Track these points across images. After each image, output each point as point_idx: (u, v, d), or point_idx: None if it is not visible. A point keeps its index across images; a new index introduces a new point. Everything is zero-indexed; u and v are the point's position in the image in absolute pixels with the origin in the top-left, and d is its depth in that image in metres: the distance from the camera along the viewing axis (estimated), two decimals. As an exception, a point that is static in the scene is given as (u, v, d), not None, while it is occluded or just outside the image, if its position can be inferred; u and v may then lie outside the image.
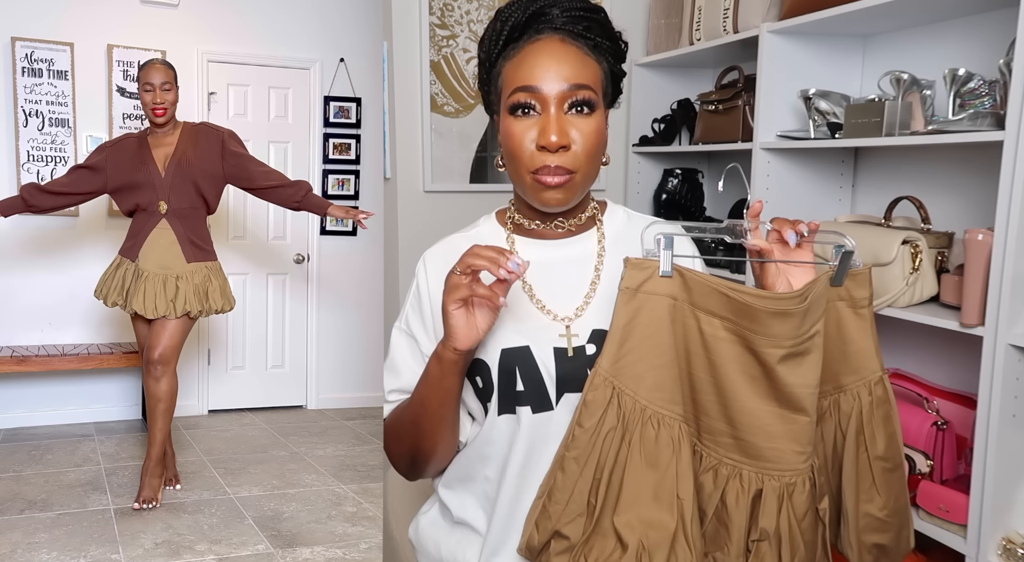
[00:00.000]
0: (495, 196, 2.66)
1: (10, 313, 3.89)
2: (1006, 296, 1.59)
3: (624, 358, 1.01)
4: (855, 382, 1.09)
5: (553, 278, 1.12)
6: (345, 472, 3.31)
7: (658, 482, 0.99)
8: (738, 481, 1.02)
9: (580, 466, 1.00)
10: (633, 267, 1.01)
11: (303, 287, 4.43)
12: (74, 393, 4.03)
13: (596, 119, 1.04)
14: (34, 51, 3.82)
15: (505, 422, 1.08)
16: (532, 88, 1.02)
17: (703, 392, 1.02)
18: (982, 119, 1.71)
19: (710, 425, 1.03)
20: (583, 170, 1.04)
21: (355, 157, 4.43)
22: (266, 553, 2.49)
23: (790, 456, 1.01)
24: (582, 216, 1.15)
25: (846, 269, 1.06)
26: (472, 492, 1.14)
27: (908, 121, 1.91)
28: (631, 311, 1.01)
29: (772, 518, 1.00)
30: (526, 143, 1.03)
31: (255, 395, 4.37)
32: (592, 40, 1.06)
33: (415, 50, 2.68)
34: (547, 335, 1.08)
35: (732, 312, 0.99)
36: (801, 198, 2.31)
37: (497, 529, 1.10)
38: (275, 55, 4.25)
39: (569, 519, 1.01)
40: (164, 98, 2.84)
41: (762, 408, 1.00)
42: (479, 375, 1.09)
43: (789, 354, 0.99)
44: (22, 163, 3.84)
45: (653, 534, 0.98)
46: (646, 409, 1.01)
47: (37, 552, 2.47)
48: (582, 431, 1.00)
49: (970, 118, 1.73)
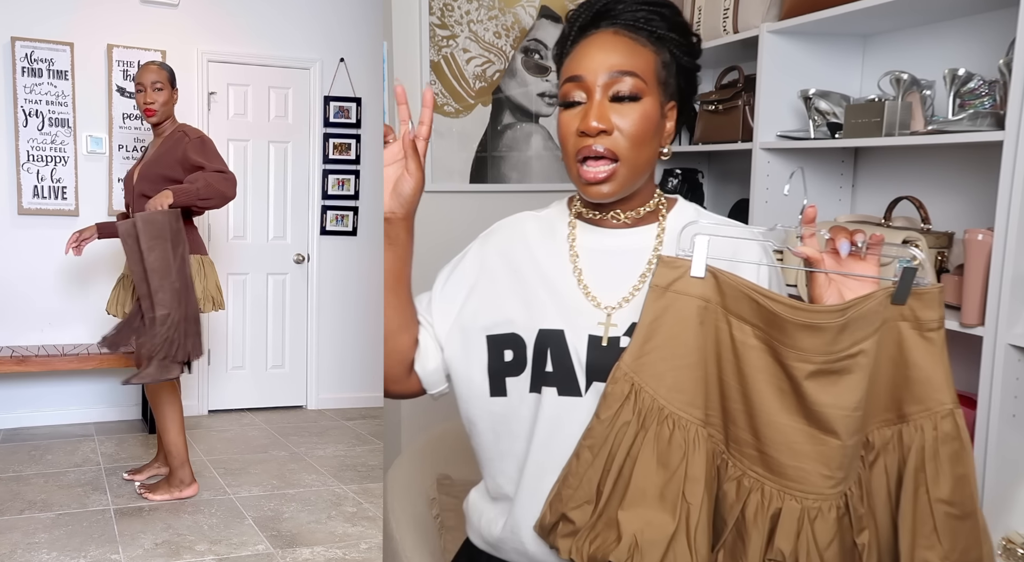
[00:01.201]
0: (495, 196, 2.66)
1: (10, 313, 3.89)
2: (1006, 296, 1.59)
3: (647, 355, 1.00)
4: (919, 412, 1.00)
5: (604, 266, 1.13)
6: (345, 472, 3.31)
7: (666, 482, 0.99)
8: (759, 495, 0.99)
9: (593, 455, 1.01)
10: (664, 265, 1.01)
11: (303, 287, 4.43)
12: (74, 393, 4.03)
13: (643, 107, 1.05)
14: (34, 51, 3.82)
15: (532, 400, 1.10)
16: (577, 77, 1.07)
17: (732, 400, 1.00)
18: (982, 119, 1.71)
19: (737, 434, 1.01)
20: (627, 158, 1.05)
21: (355, 157, 4.43)
22: (266, 553, 2.49)
23: (815, 478, 0.96)
24: (641, 210, 1.15)
25: (909, 286, 0.97)
26: (505, 468, 1.17)
27: (908, 121, 1.91)
28: (658, 309, 1.00)
29: (790, 540, 0.97)
30: (571, 131, 1.07)
31: (255, 395, 4.37)
32: (651, 31, 1.07)
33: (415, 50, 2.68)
34: (586, 321, 1.09)
35: (762, 320, 0.97)
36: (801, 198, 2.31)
37: (521, 504, 1.12)
38: (275, 55, 4.25)
39: (576, 505, 1.02)
40: (154, 98, 2.85)
41: (789, 424, 0.97)
42: (510, 349, 1.11)
43: (820, 371, 0.95)
44: (22, 163, 3.84)
45: (650, 532, 0.98)
46: (664, 408, 1.00)
47: (37, 552, 2.46)
48: (598, 422, 1.01)
49: (970, 118, 1.73)
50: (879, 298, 0.96)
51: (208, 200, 2.74)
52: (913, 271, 0.97)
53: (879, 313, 0.96)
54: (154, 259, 2.61)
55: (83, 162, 3.94)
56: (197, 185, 2.71)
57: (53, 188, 3.89)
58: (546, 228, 1.20)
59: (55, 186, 3.90)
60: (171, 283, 2.65)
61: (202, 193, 2.71)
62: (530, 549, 1.12)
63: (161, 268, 2.62)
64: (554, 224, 1.19)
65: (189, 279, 2.76)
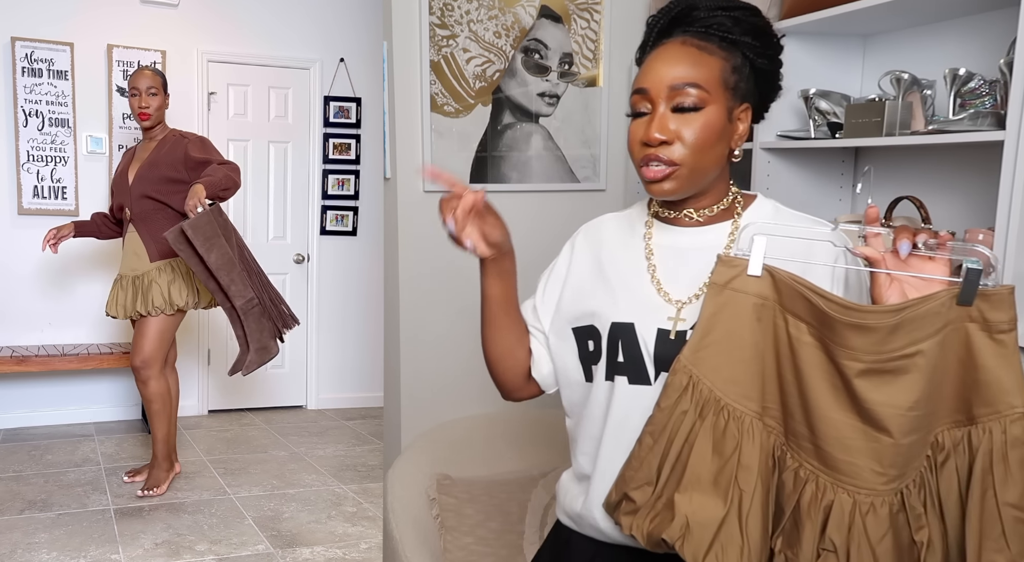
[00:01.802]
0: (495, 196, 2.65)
1: (10, 313, 3.89)
2: (1006, 296, 1.59)
3: (705, 349, 1.05)
4: (987, 415, 0.99)
5: (677, 263, 1.19)
6: (345, 472, 3.31)
7: (720, 469, 1.04)
8: (814, 486, 1.02)
9: (654, 441, 1.08)
10: (723, 264, 1.06)
11: (303, 287, 4.43)
12: (74, 393, 4.04)
13: (705, 116, 1.09)
14: (34, 51, 3.82)
15: (607, 387, 1.18)
16: (641, 90, 1.12)
17: (789, 394, 1.04)
18: (982, 119, 1.70)
19: (794, 428, 1.04)
20: (688, 163, 1.10)
21: (355, 157, 4.43)
22: (266, 553, 2.49)
23: (867, 474, 0.99)
24: (715, 207, 1.19)
25: (974, 287, 0.96)
26: (585, 449, 1.24)
27: (908, 121, 1.91)
28: (717, 306, 1.05)
29: (842, 532, 1.00)
30: (637, 139, 1.13)
31: (255, 395, 4.37)
32: (723, 36, 1.11)
33: (415, 50, 2.67)
34: (656, 316, 1.16)
35: (814, 318, 1.00)
36: (801, 198, 2.30)
37: (595, 484, 1.20)
38: (275, 55, 4.25)
39: (637, 485, 1.09)
40: (149, 102, 2.94)
41: (842, 420, 0.99)
42: (592, 339, 1.20)
43: (870, 370, 0.97)
44: (22, 163, 3.84)
45: (702, 514, 1.03)
46: (720, 400, 1.05)
47: (37, 552, 2.46)
48: (659, 410, 1.07)
49: (970, 118, 1.73)
50: (941, 299, 0.96)
51: (227, 190, 2.84)
52: (978, 272, 0.95)
53: (941, 314, 0.96)
54: (215, 258, 2.66)
55: (83, 162, 3.94)
56: (217, 176, 2.78)
57: (53, 188, 3.90)
58: (625, 227, 1.27)
59: (55, 186, 3.90)
60: (239, 273, 2.72)
61: (223, 183, 2.80)
62: (601, 525, 1.20)
63: (225, 264, 2.68)
64: (633, 223, 1.26)
65: (252, 261, 2.86)
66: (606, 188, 2.89)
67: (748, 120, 1.16)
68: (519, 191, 2.74)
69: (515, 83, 2.74)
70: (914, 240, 0.99)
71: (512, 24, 2.72)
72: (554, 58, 2.76)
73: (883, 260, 1.02)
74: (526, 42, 2.74)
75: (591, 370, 1.22)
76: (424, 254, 2.70)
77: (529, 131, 2.75)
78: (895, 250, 1.00)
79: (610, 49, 2.77)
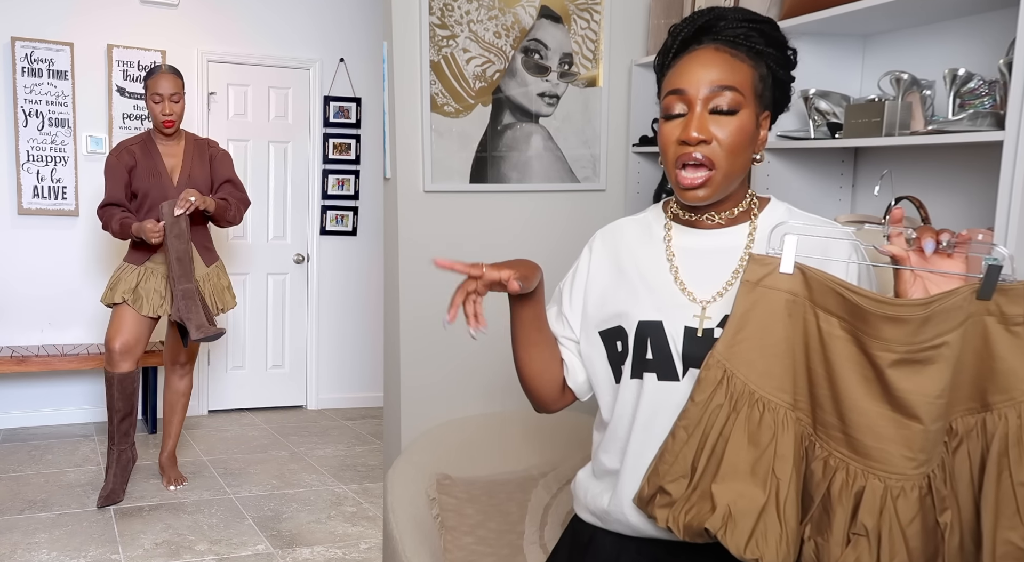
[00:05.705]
0: (495, 196, 2.66)
1: (10, 313, 3.89)
2: (1006, 296, 1.59)
3: (739, 344, 1.10)
4: (1003, 401, 1.05)
5: (700, 264, 1.23)
6: (345, 472, 3.31)
7: (756, 459, 1.08)
8: (844, 474, 1.06)
9: (688, 434, 1.11)
10: (755, 262, 1.10)
11: (303, 287, 4.43)
12: (74, 393, 4.04)
13: (740, 119, 1.14)
14: (34, 51, 3.82)
15: (635, 385, 1.22)
16: (679, 90, 1.15)
17: (819, 386, 1.08)
18: (982, 119, 1.70)
19: (824, 418, 1.08)
20: (723, 166, 1.14)
21: (355, 157, 4.43)
22: (266, 553, 2.49)
23: (898, 460, 1.03)
24: (734, 210, 1.23)
25: (994, 283, 1.02)
26: (611, 447, 1.27)
27: (908, 121, 1.91)
28: (749, 302, 1.09)
29: (873, 516, 1.04)
30: (672, 140, 1.16)
31: (255, 395, 4.37)
32: (750, 47, 1.16)
33: (415, 50, 2.67)
34: (682, 314, 1.19)
35: (847, 312, 1.04)
36: (801, 198, 2.30)
37: (624, 480, 1.22)
38: (275, 55, 4.25)
39: (672, 479, 1.12)
40: (173, 109, 2.89)
41: (873, 409, 1.04)
42: (620, 340, 1.23)
43: (902, 359, 1.02)
44: (22, 163, 3.84)
45: (742, 503, 1.06)
46: (754, 393, 1.09)
47: (37, 552, 2.47)
48: (693, 404, 1.11)
49: (970, 118, 1.73)
50: (963, 293, 1.02)
51: (228, 223, 2.97)
52: (998, 268, 1.01)
53: (963, 308, 1.02)
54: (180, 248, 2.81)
55: (83, 162, 3.94)
56: (231, 210, 2.91)
57: (53, 188, 3.90)
58: (644, 230, 1.30)
59: (55, 186, 3.90)
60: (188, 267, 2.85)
61: (229, 216, 2.92)
62: (631, 520, 1.22)
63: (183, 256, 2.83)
64: (651, 226, 1.29)
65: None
66: (606, 188, 2.89)
67: (768, 128, 1.22)
68: (519, 191, 2.74)
69: (515, 83, 2.74)
70: (938, 239, 1.05)
71: (512, 24, 2.72)
72: (554, 58, 2.76)
73: (908, 258, 1.07)
74: (526, 42, 2.74)
75: (620, 370, 1.25)
76: (424, 254, 2.69)
77: (529, 131, 2.75)
78: (919, 249, 1.06)
79: (610, 49, 2.77)
